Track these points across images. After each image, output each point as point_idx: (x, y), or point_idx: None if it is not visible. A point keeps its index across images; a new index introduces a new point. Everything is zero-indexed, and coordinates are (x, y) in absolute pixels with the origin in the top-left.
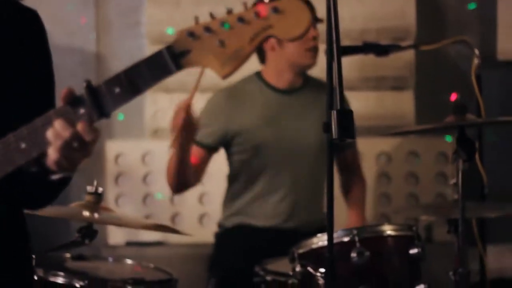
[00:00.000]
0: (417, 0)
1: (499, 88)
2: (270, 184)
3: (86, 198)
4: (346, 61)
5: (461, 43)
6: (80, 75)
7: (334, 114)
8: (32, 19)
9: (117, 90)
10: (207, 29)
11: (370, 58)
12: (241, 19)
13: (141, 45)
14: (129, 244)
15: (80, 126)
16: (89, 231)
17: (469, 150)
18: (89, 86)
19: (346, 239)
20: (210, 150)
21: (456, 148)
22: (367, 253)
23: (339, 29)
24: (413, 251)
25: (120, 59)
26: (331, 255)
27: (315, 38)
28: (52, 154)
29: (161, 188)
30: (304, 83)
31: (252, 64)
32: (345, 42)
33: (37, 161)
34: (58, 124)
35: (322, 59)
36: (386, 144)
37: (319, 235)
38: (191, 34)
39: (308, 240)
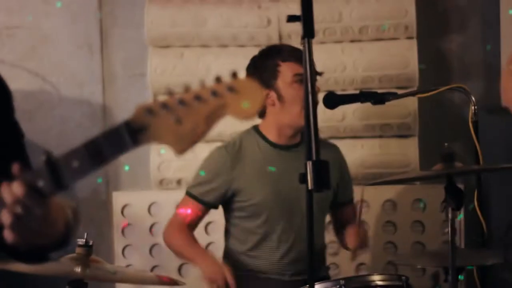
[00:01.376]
0: (420, 48)
1: (504, 133)
2: (270, 240)
3: (77, 251)
4: (350, 109)
5: (459, 90)
6: (87, 127)
7: (309, 165)
8: None
9: (75, 163)
10: (164, 106)
11: (375, 106)
12: (197, 97)
13: (146, 96)
14: None
15: (14, 186)
16: (80, 284)
17: (457, 199)
18: (48, 159)
19: None
20: (209, 207)
21: (445, 197)
22: None
23: (315, 79)
24: None
25: (126, 111)
26: None
27: (315, 93)
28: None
29: None
30: (302, 138)
31: None
32: (348, 90)
33: None
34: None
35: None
36: (391, 192)
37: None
38: (149, 110)
39: None
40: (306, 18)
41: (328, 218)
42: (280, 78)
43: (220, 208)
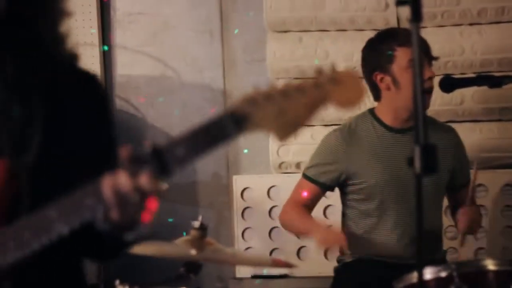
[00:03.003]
0: None
1: None
2: (386, 223)
3: (191, 233)
4: (469, 92)
5: None
6: (208, 111)
7: (417, 149)
8: (89, 83)
9: (180, 151)
10: (267, 97)
11: (493, 89)
12: (299, 89)
13: (265, 80)
14: (255, 277)
15: (142, 177)
16: (194, 266)
17: None
18: (154, 147)
19: (443, 274)
20: (325, 188)
21: None
22: None
23: (427, 63)
24: None
25: None
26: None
27: (430, 79)
28: (113, 209)
29: None
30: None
31: None
32: (467, 73)
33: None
34: (120, 175)
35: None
36: (510, 176)
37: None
38: (252, 101)
39: (408, 274)
40: (414, 1)
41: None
42: (396, 63)
43: (337, 191)
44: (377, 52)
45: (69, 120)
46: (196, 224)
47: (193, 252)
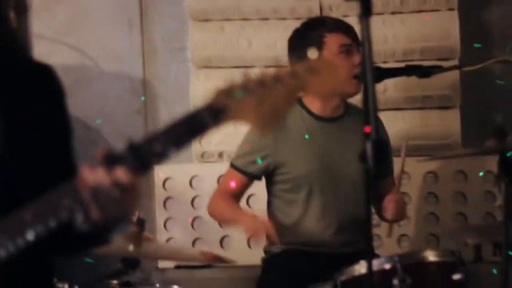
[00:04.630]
0: (462, 19)
1: None
2: (313, 212)
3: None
4: (391, 81)
5: (504, 63)
6: (127, 101)
7: (369, 145)
8: (44, 74)
9: (157, 147)
10: (244, 88)
11: (415, 78)
12: (276, 79)
13: (187, 69)
14: (178, 267)
15: (119, 171)
16: (132, 261)
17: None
18: (131, 143)
19: (387, 266)
20: (252, 178)
21: (497, 172)
22: (410, 280)
23: (372, 54)
24: (457, 276)
25: (167, 84)
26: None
27: (360, 64)
28: (94, 209)
29: None
30: (344, 110)
31: None
32: (389, 62)
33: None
34: (97, 171)
35: None
36: (432, 163)
37: (361, 262)
38: (228, 93)
39: (350, 267)
40: None
41: None
42: (326, 49)
43: (262, 181)
44: (306, 39)
45: (27, 116)
46: (133, 218)
47: (130, 248)
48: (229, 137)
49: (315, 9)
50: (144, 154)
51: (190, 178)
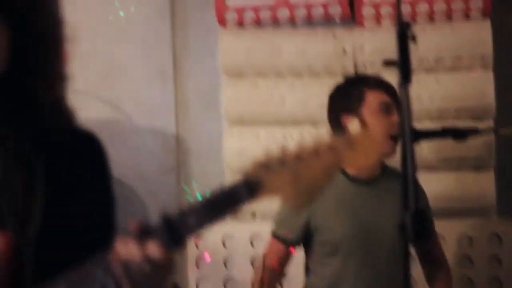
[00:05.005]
0: (497, 79)
1: None
2: (349, 276)
3: None
4: (426, 142)
5: None
6: (160, 156)
7: (408, 215)
8: (89, 143)
9: (192, 221)
10: (281, 162)
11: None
12: (314, 153)
13: (220, 125)
14: None
15: (151, 246)
16: None
17: None
18: (165, 217)
19: None
20: (294, 244)
21: None
22: None
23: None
24: None
25: (199, 140)
26: None
27: (398, 124)
28: (126, 284)
29: (241, 271)
30: (381, 171)
31: None
32: (424, 121)
33: None
34: (130, 246)
35: None
36: (467, 226)
37: None
38: (266, 166)
39: None
40: (403, 63)
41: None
42: (365, 106)
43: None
44: (346, 95)
45: (69, 186)
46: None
47: None
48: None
49: (349, 66)
50: (178, 228)
51: (222, 238)
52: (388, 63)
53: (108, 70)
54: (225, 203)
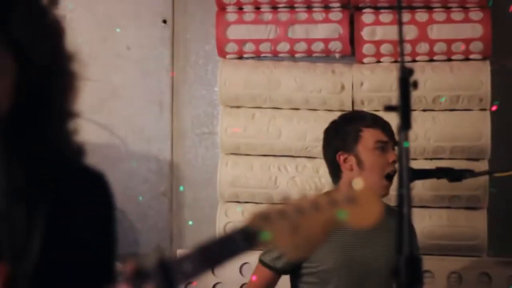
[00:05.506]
0: (493, 120)
1: None
2: None
3: None
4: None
5: None
6: (153, 182)
7: (402, 260)
8: (95, 183)
9: (188, 267)
10: (281, 213)
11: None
12: (315, 206)
13: (215, 155)
14: None
15: None
16: None
17: None
18: (161, 261)
19: None
20: (280, 273)
21: None
22: None
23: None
24: None
25: (194, 168)
26: None
27: (394, 162)
28: None
29: None
30: None
31: None
32: (419, 160)
33: None
34: None
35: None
36: (457, 264)
37: None
38: (265, 217)
39: None
40: (404, 109)
41: None
42: (362, 143)
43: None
44: (342, 132)
45: (71, 224)
46: None
47: None
48: None
49: (347, 102)
50: (174, 274)
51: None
52: (388, 109)
53: (106, 96)
54: (222, 251)
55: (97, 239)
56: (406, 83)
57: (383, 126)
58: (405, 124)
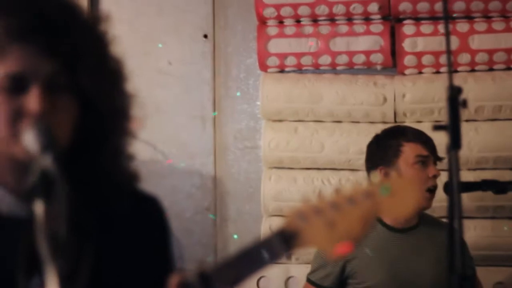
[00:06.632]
0: None
1: None
2: None
3: None
4: None
5: None
6: (197, 198)
7: (455, 280)
8: (151, 209)
9: (229, 274)
10: (317, 210)
11: None
12: (350, 200)
13: (258, 169)
14: None
15: None
16: None
17: None
18: (202, 272)
19: None
20: None
21: None
22: None
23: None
24: None
25: (237, 183)
26: None
27: (435, 177)
28: None
29: None
30: (419, 220)
31: None
32: (462, 170)
33: None
34: None
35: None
36: (502, 274)
37: None
38: (301, 216)
39: None
40: (453, 128)
41: None
42: (402, 158)
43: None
44: (384, 146)
45: (127, 251)
46: None
47: None
48: None
49: (389, 114)
50: (215, 283)
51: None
52: (438, 128)
53: (149, 111)
54: (262, 255)
55: (155, 265)
56: (455, 102)
57: (424, 140)
58: (455, 143)
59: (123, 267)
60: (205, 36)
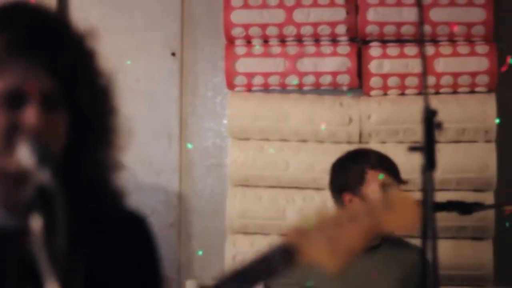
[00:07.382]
0: (499, 152)
1: None
2: None
3: None
4: None
5: None
6: (161, 214)
7: None
8: (136, 226)
9: None
10: (318, 227)
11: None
12: (351, 218)
13: (223, 186)
14: None
15: None
16: None
17: None
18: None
19: None
20: None
21: None
22: None
23: (433, 208)
24: None
25: (202, 199)
26: None
27: None
28: None
29: None
30: (381, 240)
31: None
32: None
33: None
34: None
35: None
36: None
37: None
38: (300, 232)
39: None
40: (428, 149)
41: None
42: (366, 186)
43: None
44: (348, 171)
45: (112, 270)
46: None
47: None
48: None
49: (354, 134)
50: None
51: None
52: (413, 149)
53: None
54: (261, 270)
55: (143, 284)
56: (430, 124)
57: (388, 166)
58: (430, 164)
59: (111, 283)
60: (173, 54)
